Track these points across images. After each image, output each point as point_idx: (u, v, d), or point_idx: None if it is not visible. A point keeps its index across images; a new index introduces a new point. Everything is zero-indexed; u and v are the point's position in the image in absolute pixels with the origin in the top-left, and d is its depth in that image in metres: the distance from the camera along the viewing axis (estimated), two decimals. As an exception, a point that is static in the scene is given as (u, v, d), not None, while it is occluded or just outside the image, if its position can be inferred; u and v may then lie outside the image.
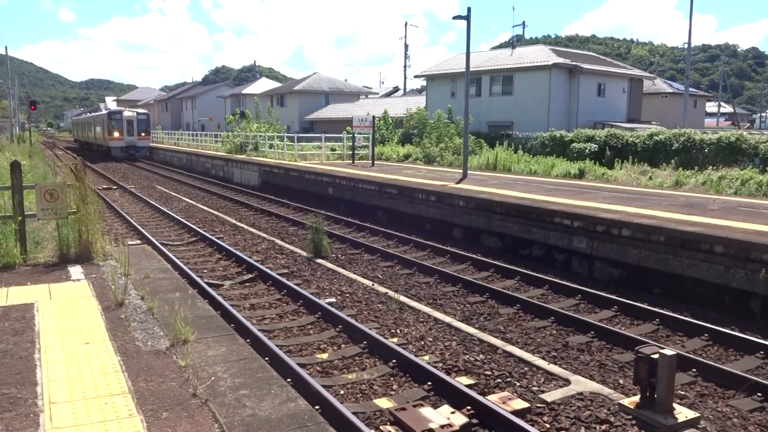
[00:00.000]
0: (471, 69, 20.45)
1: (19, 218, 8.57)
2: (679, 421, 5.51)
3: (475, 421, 5.63)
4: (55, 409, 4.16)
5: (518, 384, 6.49)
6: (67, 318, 6.06)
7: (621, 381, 6.72)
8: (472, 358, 7.15)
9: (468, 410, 5.74)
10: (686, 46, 41.85)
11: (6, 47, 57.10)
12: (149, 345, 5.41)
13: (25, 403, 4.25)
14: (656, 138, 24.01)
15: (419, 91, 59.01)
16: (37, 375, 4.71)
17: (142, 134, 47.76)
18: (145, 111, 51.19)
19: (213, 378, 4.72)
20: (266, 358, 6.07)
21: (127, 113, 47.51)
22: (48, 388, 4.48)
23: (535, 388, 6.37)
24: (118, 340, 5.48)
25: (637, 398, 5.82)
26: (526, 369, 6.87)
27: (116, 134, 46.23)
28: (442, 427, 5.39)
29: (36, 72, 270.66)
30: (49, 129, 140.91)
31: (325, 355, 7.33)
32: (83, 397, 4.34)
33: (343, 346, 7.64)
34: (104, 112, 50.99)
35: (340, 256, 12.71)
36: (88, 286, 7.24)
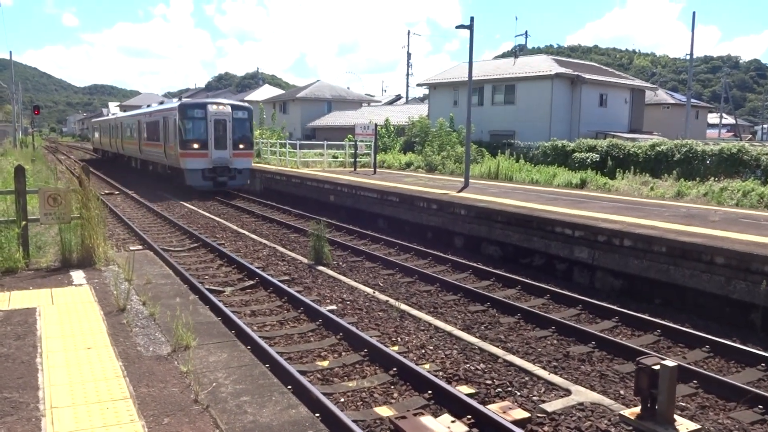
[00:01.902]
0: (473, 78, 20.53)
1: (23, 222, 8.60)
2: (679, 432, 5.50)
3: (475, 430, 5.63)
4: (56, 413, 4.17)
5: (519, 394, 6.48)
6: (69, 323, 6.08)
7: (622, 392, 6.71)
8: (472, 367, 7.15)
9: (468, 419, 5.74)
10: (688, 57, 42.00)
11: (10, 52, 56.99)
12: (151, 350, 5.42)
13: (27, 407, 4.26)
14: (658, 149, 24.05)
15: (421, 100, 59.20)
16: (39, 379, 4.72)
17: (241, 146, 26.00)
18: (245, 104, 28.44)
19: (214, 384, 4.73)
20: (267, 365, 6.08)
21: (216, 108, 25.65)
22: (50, 392, 4.49)
23: (535, 398, 6.36)
24: (120, 345, 5.50)
25: (638, 409, 5.81)
26: (526, 378, 6.86)
27: (195, 146, 25.02)
28: (443, 435, 5.38)
29: (39, 77, 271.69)
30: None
31: (325, 363, 7.33)
32: (85, 401, 4.35)
33: (343, 353, 7.64)
34: (172, 104, 28.31)
35: (341, 263, 12.71)
36: (90, 291, 7.26)
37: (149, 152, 31.22)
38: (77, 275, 8.07)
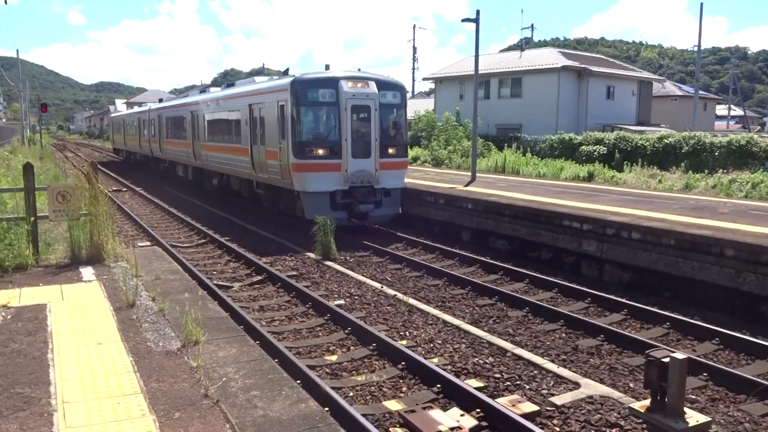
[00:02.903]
0: (479, 71, 20.45)
1: (32, 219, 8.65)
2: (690, 425, 5.48)
3: (484, 423, 5.63)
4: (68, 408, 4.20)
5: (528, 387, 6.48)
6: (79, 318, 6.12)
7: (631, 385, 6.70)
8: (481, 361, 7.15)
9: (477, 413, 5.74)
10: (696, 48, 41.67)
11: (17, 50, 57.23)
12: (161, 346, 5.44)
13: (39, 402, 4.29)
14: (666, 141, 23.92)
15: (427, 94, 59.10)
16: (51, 375, 4.75)
17: (391, 151, 15.72)
18: (395, 80, 16.58)
19: (224, 379, 4.75)
20: (276, 360, 6.10)
21: (354, 86, 15.01)
22: (61, 387, 4.52)
23: (544, 391, 6.36)
24: (130, 341, 5.52)
25: (647, 402, 5.79)
26: (535, 372, 6.85)
27: (320, 151, 14.83)
28: (452, 429, 5.39)
29: (47, 75, 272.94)
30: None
31: (334, 357, 7.35)
32: (96, 396, 4.38)
33: (352, 348, 7.66)
34: (275, 80, 17.65)
35: (348, 258, 12.72)
36: (100, 287, 7.30)
37: (217, 159, 20.73)
38: (87, 271, 8.11)
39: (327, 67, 17.70)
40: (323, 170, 14.69)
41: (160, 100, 36.46)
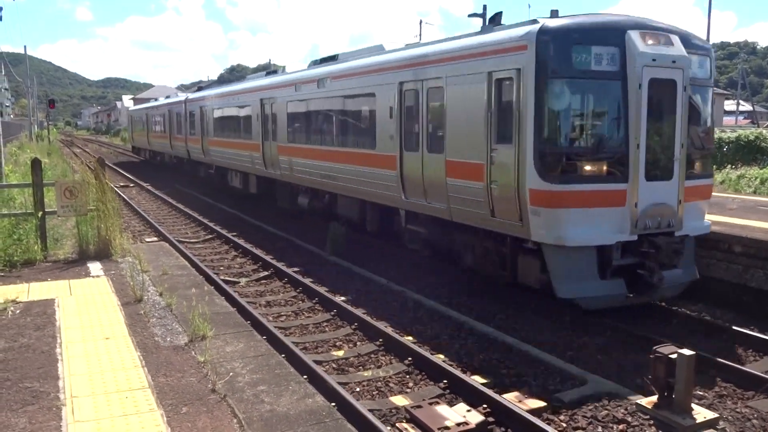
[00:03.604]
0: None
1: (40, 215, 8.70)
2: (697, 421, 5.46)
3: (491, 419, 5.62)
4: (77, 402, 4.23)
5: (534, 383, 6.46)
6: (87, 313, 6.15)
7: (638, 381, 6.67)
8: (488, 357, 7.14)
9: (484, 408, 5.73)
10: (704, 43, 41.36)
11: (25, 46, 57.49)
12: (168, 340, 5.47)
13: (48, 396, 4.32)
14: (674, 136, 23.75)
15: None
16: (59, 369, 4.78)
17: (696, 165, 8.67)
18: (700, 40, 8.98)
19: (231, 374, 4.77)
20: (283, 355, 6.11)
21: (648, 43, 7.71)
22: (70, 382, 4.55)
23: (551, 387, 6.34)
24: (138, 336, 5.55)
25: (654, 398, 5.77)
26: (542, 368, 6.84)
27: (587, 167, 7.75)
28: (458, 425, 5.39)
29: (54, 71, 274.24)
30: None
31: (341, 353, 7.36)
32: (104, 391, 4.40)
33: (358, 343, 7.66)
34: (503, 32, 8.60)
35: (356, 254, 12.69)
36: (108, 282, 7.34)
37: (312, 170, 14.10)
38: (94, 267, 8.16)
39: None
40: (593, 204, 7.89)
41: (200, 88, 28.71)
